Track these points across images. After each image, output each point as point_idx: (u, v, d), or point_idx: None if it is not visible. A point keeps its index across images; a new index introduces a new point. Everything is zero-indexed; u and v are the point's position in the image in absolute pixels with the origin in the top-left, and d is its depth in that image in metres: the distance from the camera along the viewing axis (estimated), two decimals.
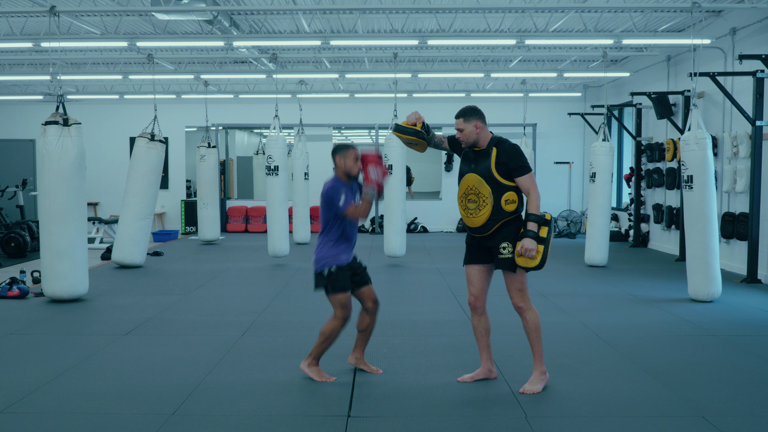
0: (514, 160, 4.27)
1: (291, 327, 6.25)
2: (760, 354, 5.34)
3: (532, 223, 4.21)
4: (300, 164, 12.68)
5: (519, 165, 4.27)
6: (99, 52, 12.28)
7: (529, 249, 4.17)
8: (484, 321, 4.59)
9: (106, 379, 4.68)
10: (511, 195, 4.28)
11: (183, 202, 15.84)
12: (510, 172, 4.27)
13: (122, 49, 11.89)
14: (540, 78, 14.55)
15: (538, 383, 4.41)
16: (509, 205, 4.28)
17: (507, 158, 4.27)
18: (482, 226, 4.34)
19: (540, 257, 4.20)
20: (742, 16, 9.18)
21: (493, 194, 4.26)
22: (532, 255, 4.19)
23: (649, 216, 12.68)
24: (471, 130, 4.39)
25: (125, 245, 9.79)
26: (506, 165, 4.27)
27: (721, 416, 3.98)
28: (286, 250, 10.32)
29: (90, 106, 16.39)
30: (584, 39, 9.98)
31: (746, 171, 9.08)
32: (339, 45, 11.33)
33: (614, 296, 7.77)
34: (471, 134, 4.39)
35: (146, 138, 9.85)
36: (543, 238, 4.22)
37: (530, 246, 4.17)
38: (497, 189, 4.27)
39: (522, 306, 4.40)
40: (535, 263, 4.22)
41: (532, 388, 4.37)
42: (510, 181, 4.28)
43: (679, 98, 11.13)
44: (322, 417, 3.98)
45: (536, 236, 4.20)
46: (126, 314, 6.77)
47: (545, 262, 4.24)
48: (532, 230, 4.20)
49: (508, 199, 4.27)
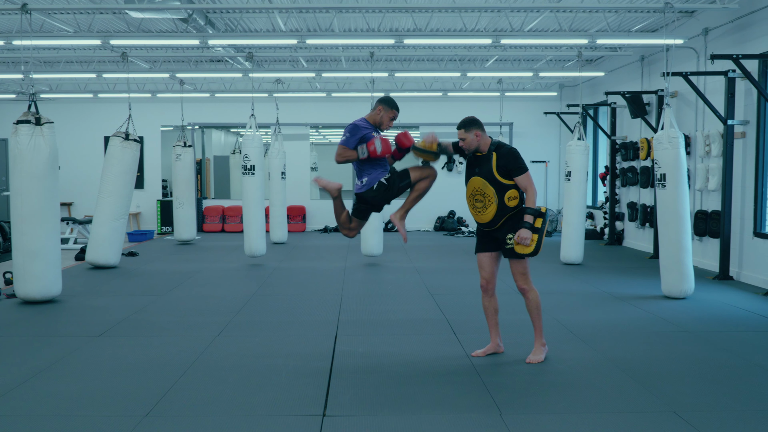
0: (512, 162, 4.84)
1: (267, 327, 6.23)
2: (731, 350, 5.42)
3: (528, 215, 4.80)
4: (277, 164, 12.63)
5: (517, 166, 4.84)
6: (72, 51, 12.13)
7: (524, 237, 4.76)
8: (494, 302, 5.17)
9: (79, 381, 4.63)
10: (513, 192, 4.87)
11: (159, 201, 15.71)
12: (509, 172, 4.84)
13: (96, 48, 11.75)
14: (516, 77, 14.65)
15: (540, 354, 5.05)
16: (512, 201, 4.87)
17: (506, 161, 4.84)
18: (490, 222, 4.92)
19: (534, 245, 4.80)
20: (713, 17, 9.31)
21: (497, 194, 4.84)
22: (527, 243, 4.78)
23: (624, 214, 12.81)
24: (472, 138, 4.94)
25: (99, 245, 9.68)
26: (506, 167, 4.84)
27: (693, 411, 4.03)
28: (262, 250, 10.28)
29: (63, 105, 16.20)
30: (559, 39, 10.05)
31: (718, 169, 9.21)
32: (315, 44, 11.31)
33: (589, 294, 7.84)
34: (472, 142, 4.94)
35: (120, 137, 9.75)
36: (537, 228, 4.80)
37: (525, 235, 4.76)
38: (500, 189, 4.85)
39: (525, 288, 5.00)
40: (530, 250, 4.81)
41: (536, 358, 5.01)
42: (510, 180, 4.86)
43: (653, 98, 11.26)
44: (297, 416, 3.97)
45: (531, 227, 4.79)
46: (100, 315, 6.70)
47: (539, 249, 4.83)
48: (528, 222, 4.79)
49: (510, 196, 4.86)
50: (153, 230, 15.16)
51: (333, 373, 4.79)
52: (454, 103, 16.35)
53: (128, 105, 10.48)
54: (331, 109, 16.38)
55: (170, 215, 14.87)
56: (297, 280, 8.89)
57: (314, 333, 5.95)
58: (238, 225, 15.67)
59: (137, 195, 15.39)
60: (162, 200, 15.76)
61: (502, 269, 5.55)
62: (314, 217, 16.53)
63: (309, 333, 5.96)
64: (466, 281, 8.71)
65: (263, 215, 10.26)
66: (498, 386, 4.48)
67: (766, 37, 8.23)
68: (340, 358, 5.16)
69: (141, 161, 15.11)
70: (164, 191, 16.92)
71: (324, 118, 16.58)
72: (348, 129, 5.08)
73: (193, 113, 15.66)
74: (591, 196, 14.76)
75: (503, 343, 5.30)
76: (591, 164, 14.36)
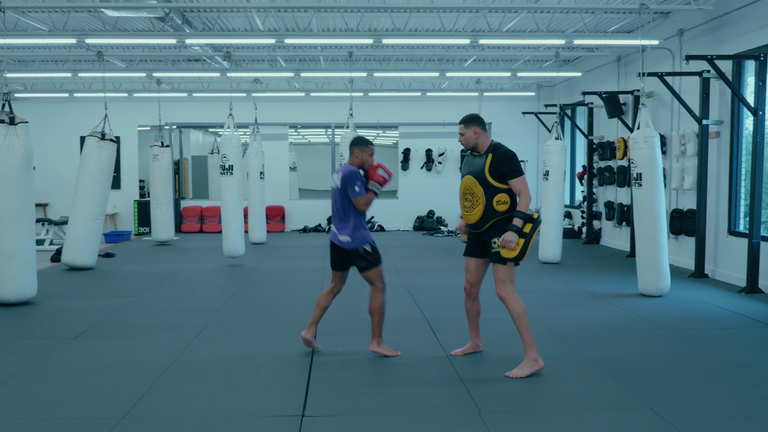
0: (506, 165, 4.70)
1: (245, 328, 6.20)
2: (707, 347, 5.49)
3: (518, 219, 4.64)
4: (255, 164, 12.58)
5: (511, 169, 4.70)
6: (47, 50, 11.99)
7: (509, 241, 4.58)
8: (476, 305, 5.14)
9: (54, 384, 4.58)
10: (503, 197, 4.72)
11: (136, 202, 15.56)
12: (503, 175, 4.70)
13: (71, 46, 11.63)
14: (494, 77, 14.72)
15: (525, 369, 4.69)
16: (501, 205, 4.71)
17: (500, 163, 4.71)
18: (476, 223, 4.79)
19: (519, 249, 4.61)
20: (688, 18, 9.42)
21: (486, 195, 4.71)
22: (512, 246, 4.59)
23: (601, 213, 12.92)
24: (470, 135, 4.85)
25: (76, 246, 9.57)
26: (499, 169, 4.70)
27: (669, 408, 4.07)
28: (241, 251, 10.23)
29: (38, 105, 16.00)
30: (537, 39, 10.11)
31: (693, 169, 9.32)
32: (294, 43, 11.28)
33: (567, 292, 7.90)
34: (470, 139, 4.86)
35: (97, 137, 9.64)
36: (525, 234, 4.63)
37: (510, 238, 4.58)
38: (489, 191, 4.71)
39: (503, 296, 4.76)
40: (514, 254, 4.63)
41: (517, 373, 4.67)
42: (503, 183, 4.71)
43: (629, 98, 11.37)
44: (276, 417, 3.95)
45: (519, 231, 4.61)
46: (76, 317, 6.62)
47: (524, 254, 4.65)
48: (516, 225, 4.62)
49: (499, 200, 4.71)
50: (130, 231, 15.02)
51: (312, 373, 4.78)
52: (433, 103, 16.39)
53: (104, 104, 10.39)
54: (309, 109, 16.35)
55: (147, 216, 14.73)
56: (276, 281, 8.86)
57: (293, 333, 5.92)
58: (217, 225, 15.58)
59: (114, 195, 15.25)
60: (139, 201, 15.63)
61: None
62: (293, 218, 16.48)
63: (288, 333, 5.94)
64: (446, 280, 8.74)
65: (242, 215, 10.22)
66: (477, 385, 4.50)
67: (740, 38, 8.35)
68: (319, 359, 5.15)
69: (118, 161, 15.00)
70: (141, 191, 16.78)
71: (303, 118, 16.54)
72: (352, 179, 5.04)
73: (170, 113, 15.54)
74: (569, 195, 14.87)
75: (482, 343, 5.31)
76: (569, 164, 14.47)
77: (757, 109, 7.76)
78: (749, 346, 5.52)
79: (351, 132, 10.40)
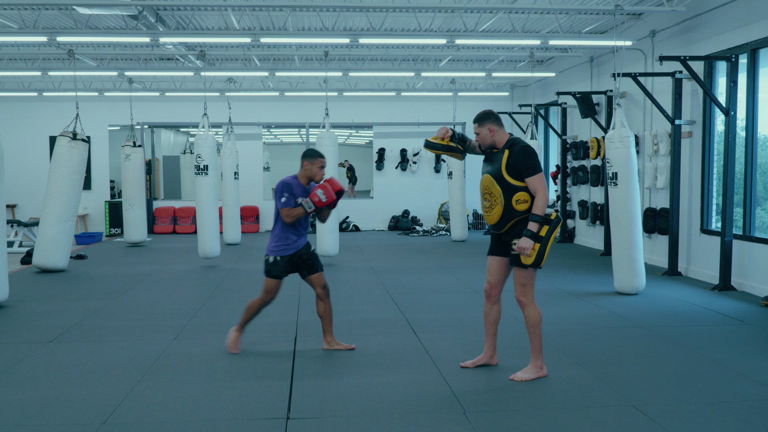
0: (523, 162, 4.45)
1: (224, 329, 6.10)
2: (682, 343, 5.56)
3: (533, 222, 4.41)
4: (230, 163, 12.46)
5: (528, 166, 4.45)
6: (16, 47, 11.76)
7: (523, 248, 4.38)
8: (495, 310, 4.81)
9: (30, 389, 4.48)
10: (522, 195, 4.48)
11: (107, 203, 15.33)
12: (520, 172, 4.47)
13: (41, 44, 11.43)
14: (469, 77, 14.79)
15: (530, 373, 4.60)
16: (520, 204, 4.48)
17: (516, 160, 4.47)
18: (497, 224, 4.57)
19: (535, 255, 4.39)
20: (661, 19, 9.54)
21: (504, 194, 4.48)
22: (527, 253, 4.39)
23: (575, 212, 13.04)
24: (486, 133, 4.63)
25: (47, 248, 9.41)
26: (516, 166, 4.47)
27: (651, 404, 4.12)
28: (216, 251, 10.13)
29: (7, 104, 15.68)
30: (512, 39, 10.16)
31: (666, 168, 9.45)
32: (269, 42, 11.19)
33: (544, 291, 7.93)
34: (486, 137, 4.64)
35: (67, 137, 9.48)
36: (542, 237, 4.41)
37: (525, 245, 4.37)
38: (507, 189, 4.48)
39: (522, 301, 4.61)
40: (531, 260, 4.41)
41: (522, 376, 4.58)
42: (521, 181, 4.48)
43: (602, 98, 11.48)
44: (260, 420, 3.91)
45: (534, 235, 4.38)
46: (49, 321, 6.50)
47: (542, 260, 4.44)
48: (531, 230, 4.39)
49: (518, 199, 4.47)
50: (101, 232, 14.79)
51: (294, 374, 4.75)
52: (408, 102, 16.41)
53: (75, 104, 10.22)
54: (284, 109, 16.26)
55: (119, 217, 14.52)
56: (253, 282, 8.77)
57: (274, 335, 5.89)
58: (190, 226, 15.42)
59: (85, 196, 14.99)
60: (110, 201, 15.40)
61: None
62: (268, 218, 16.37)
63: (268, 335, 5.89)
64: (423, 280, 8.75)
65: (217, 216, 10.12)
66: (461, 385, 4.50)
67: (711, 40, 8.48)
68: (301, 360, 5.12)
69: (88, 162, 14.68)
70: (113, 192, 16.54)
71: (277, 118, 16.45)
72: (278, 190, 5.14)
73: (142, 112, 15.34)
74: None
75: (497, 356, 4.95)
76: (543, 163, 14.58)
77: (728, 109, 7.89)
78: (724, 343, 5.60)
79: (327, 132, 10.36)
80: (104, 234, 15.22)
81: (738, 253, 7.96)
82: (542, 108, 14.42)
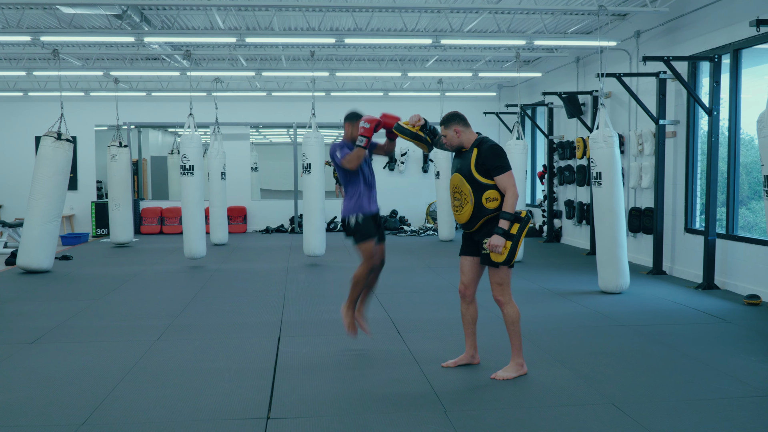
0: (491, 160, 4.46)
1: (208, 330, 6.12)
2: (665, 342, 5.59)
3: (504, 220, 4.41)
4: (216, 164, 12.44)
5: (496, 165, 4.46)
6: (0, 47, 11.67)
7: (495, 245, 4.38)
8: (472, 309, 4.82)
9: (10, 391, 4.45)
10: (492, 193, 4.48)
11: (93, 203, 15.26)
12: (489, 171, 4.46)
13: (25, 44, 11.35)
14: (456, 78, 14.80)
15: (511, 371, 4.63)
16: (490, 203, 4.48)
17: (485, 159, 4.47)
18: (467, 223, 4.57)
19: (507, 252, 4.40)
20: (645, 20, 9.59)
21: (474, 193, 4.48)
22: (499, 251, 4.39)
23: (562, 212, 13.08)
24: (452, 135, 4.63)
25: (31, 249, 9.35)
26: (485, 165, 4.47)
27: (631, 403, 4.14)
28: (202, 252, 10.11)
29: None
30: (498, 39, 10.18)
31: (651, 168, 9.50)
32: (255, 42, 11.17)
33: (529, 290, 7.97)
34: (453, 138, 4.63)
35: (52, 137, 9.43)
36: (513, 235, 4.41)
37: (496, 243, 4.37)
38: (477, 188, 4.48)
39: (500, 300, 4.61)
40: (502, 258, 4.42)
41: (503, 374, 4.61)
42: (491, 179, 4.47)
43: (588, 98, 11.53)
44: (241, 420, 3.91)
45: (505, 233, 4.39)
46: (33, 321, 6.46)
47: (512, 258, 4.43)
48: (502, 227, 4.39)
49: (488, 197, 4.47)
50: (87, 233, 14.72)
51: (277, 375, 4.74)
52: (395, 102, 16.40)
53: (60, 104, 10.16)
54: (271, 109, 16.23)
55: (106, 217, 14.46)
56: (238, 282, 8.77)
57: (257, 335, 5.88)
58: (177, 226, 15.36)
59: (71, 197, 14.92)
60: (97, 202, 15.32)
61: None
62: (255, 218, 16.34)
63: (251, 335, 5.89)
64: (409, 280, 8.76)
65: (203, 216, 10.09)
66: (442, 384, 4.51)
67: (695, 40, 8.53)
68: (284, 360, 5.11)
69: (74, 162, 14.65)
70: (99, 193, 16.45)
71: (264, 118, 16.41)
72: (333, 151, 5.18)
73: (128, 112, 15.27)
74: (530, 194, 15.03)
75: (478, 355, 4.96)
76: (529, 163, 14.63)
77: (711, 109, 7.94)
78: (707, 341, 5.64)
79: (314, 132, 10.35)
80: (90, 235, 15.14)
81: (721, 252, 8.02)
82: (529, 108, 14.46)
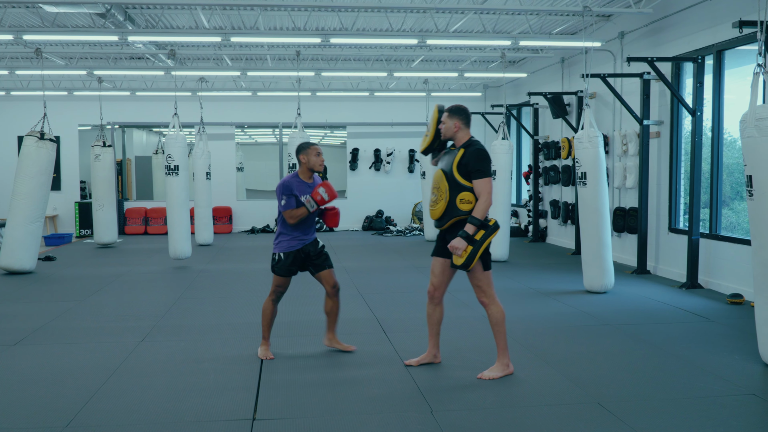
0: (474, 163, 4.46)
1: (193, 331, 6.09)
2: (649, 341, 5.63)
3: (469, 225, 4.39)
4: (201, 164, 12.38)
5: (477, 168, 4.45)
6: None
7: (455, 247, 4.37)
8: (438, 311, 4.85)
9: None
10: (468, 195, 4.46)
11: (77, 204, 15.14)
12: (469, 173, 4.46)
13: (8, 43, 11.23)
14: (441, 78, 14.82)
15: (497, 371, 4.63)
16: (464, 204, 4.46)
17: (468, 160, 4.47)
18: (438, 219, 4.60)
19: (466, 256, 4.37)
20: (629, 21, 9.65)
21: (450, 191, 4.48)
22: (458, 254, 4.38)
23: (547, 212, 13.13)
24: (450, 126, 4.62)
25: (14, 250, 9.26)
26: (467, 167, 4.47)
27: (616, 402, 4.16)
28: (187, 252, 10.05)
29: None
30: (483, 40, 10.20)
31: (635, 168, 9.56)
32: (240, 42, 11.13)
33: (515, 290, 8.00)
34: (449, 129, 4.63)
35: (35, 137, 9.35)
36: (476, 241, 4.37)
37: (457, 245, 4.36)
38: (454, 187, 4.48)
39: (484, 301, 4.61)
40: (460, 262, 4.40)
41: (489, 374, 4.60)
42: (470, 182, 4.47)
43: (573, 98, 11.59)
44: (227, 421, 3.89)
45: (468, 237, 4.37)
46: (15, 323, 6.40)
47: (471, 262, 4.39)
48: (466, 231, 4.37)
49: (463, 198, 4.46)
50: (71, 233, 14.60)
51: (262, 376, 4.72)
52: (381, 102, 16.41)
53: (43, 103, 10.07)
54: (256, 109, 16.18)
55: (89, 218, 14.34)
56: (224, 283, 8.73)
57: (242, 336, 5.85)
58: (162, 227, 15.27)
59: (54, 197, 14.81)
60: (80, 202, 15.21)
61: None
62: (241, 218, 16.29)
63: (237, 336, 5.86)
64: (395, 280, 8.76)
65: (188, 217, 10.04)
66: (429, 384, 4.51)
67: (678, 41, 8.59)
68: (269, 361, 5.09)
69: (57, 162, 14.53)
70: (83, 193, 16.33)
71: (249, 118, 16.36)
72: (278, 192, 5.05)
73: (112, 112, 15.16)
74: (515, 194, 15.07)
75: (440, 354, 5.00)
76: (515, 163, 14.67)
77: (695, 109, 8.00)
78: (690, 340, 5.68)
79: (299, 132, 10.32)
80: (74, 235, 15.02)
81: (705, 251, 8.08)
82: (514, 108, 14.51)
